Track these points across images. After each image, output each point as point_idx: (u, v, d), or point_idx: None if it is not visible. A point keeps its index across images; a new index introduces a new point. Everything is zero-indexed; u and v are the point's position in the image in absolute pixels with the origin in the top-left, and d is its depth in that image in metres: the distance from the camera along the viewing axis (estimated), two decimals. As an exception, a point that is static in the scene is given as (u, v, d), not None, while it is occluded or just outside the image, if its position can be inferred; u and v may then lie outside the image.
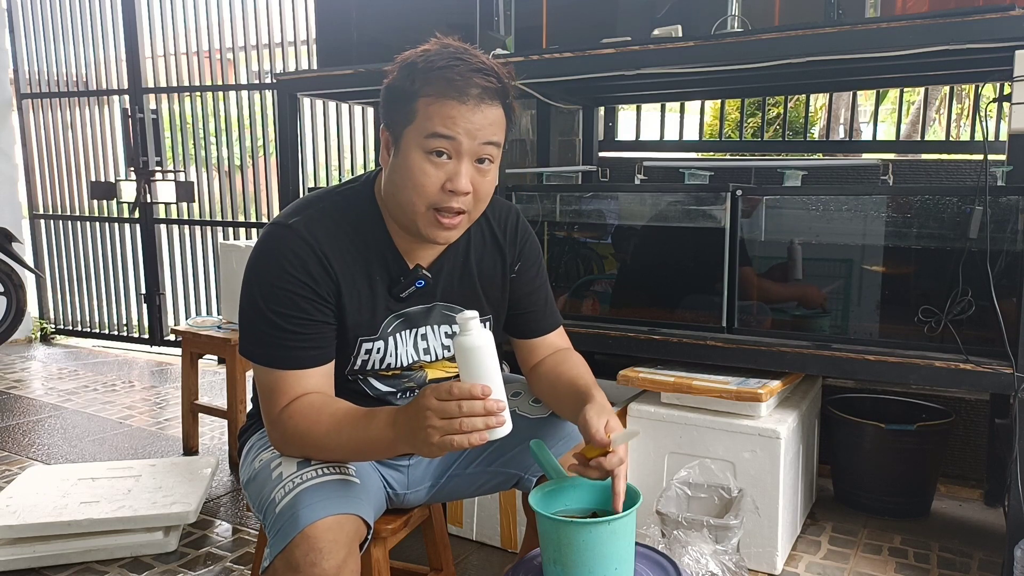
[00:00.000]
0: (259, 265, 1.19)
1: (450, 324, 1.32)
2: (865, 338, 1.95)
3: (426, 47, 1.16)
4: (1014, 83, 1.61)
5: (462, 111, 1.11)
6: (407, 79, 1.14)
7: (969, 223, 1.76)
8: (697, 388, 1.97)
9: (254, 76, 4.51)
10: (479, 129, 1.12)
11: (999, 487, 2.27)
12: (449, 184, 1.13)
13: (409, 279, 1.25)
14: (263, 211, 4.48)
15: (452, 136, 1.11)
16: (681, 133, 3.30)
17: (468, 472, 1.43)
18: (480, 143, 1.13)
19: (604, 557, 1.08)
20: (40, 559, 2.02)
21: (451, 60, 1.12)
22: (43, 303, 5.23)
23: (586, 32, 2.35)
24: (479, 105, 1.12)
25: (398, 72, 1.16)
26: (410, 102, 1.13)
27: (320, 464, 1.17)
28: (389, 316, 1.26)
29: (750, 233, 2.07)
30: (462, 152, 1.12)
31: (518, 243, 1.38)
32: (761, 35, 1.87)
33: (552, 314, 1.45)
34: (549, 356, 1.43)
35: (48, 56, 4.90)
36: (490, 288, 1.36)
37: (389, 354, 1.28)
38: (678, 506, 1.86)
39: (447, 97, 1.10)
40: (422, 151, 1.12)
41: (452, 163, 1.13)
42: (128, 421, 3.31)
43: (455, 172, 1.13)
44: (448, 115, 1.11)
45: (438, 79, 1.11)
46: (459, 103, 1.11)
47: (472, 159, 1.14)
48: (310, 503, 1.08)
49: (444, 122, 1.11)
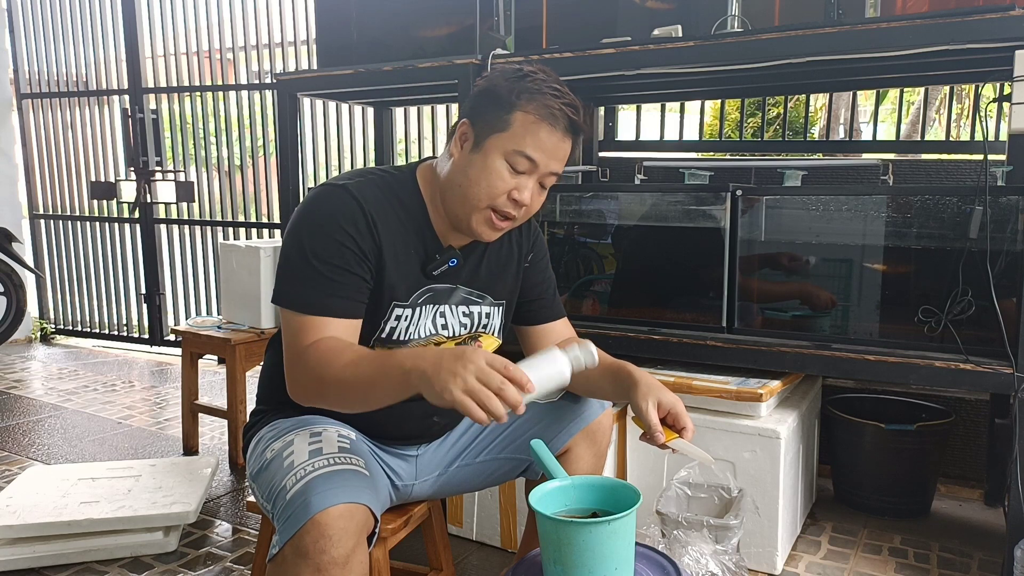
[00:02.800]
0: (309, 214, 1.23)
1: (468, 305, 1.38)
2: (865, 338, 1.95)
3: (531, 67, 1.27)
4: (1014, 83, 1.61)
5: (551, 138, 1.23)
6: (511, 91, 1.23)
7: (969, 223, 1.76)
8: (697, 388, 1.97)
9: (254, 76, 4.51)
10: (555, 159, 1.25)
11: (999, 487, 2.27)
12: (515, 193, 1.24)
13: (444, 258, 1.32)
14: (263, 211, 4.48)
15: (534, 159, 1.23)
16: (681, 133, 3.30)
17: (478, 461, 1.47)
18: (550, 171, 1.26)
19: (604, 557, 1.08)
20: (40, 559, 2.02)
21: (554, 91, 1.23)
22: (43, 303, 5.23)
23: (586, 32, 2.34)
24: (563, 137, 1.24)
25: (502, 80, 1.25)
26: (508, 112, 1.22)
27: (332, 454, 1.18)
28: (419, 289, 1.31)
29: (750, 233, 2.07)
30: (536, 172, 1.25)
31: (531, 237, 1.48)
32: (761, 35, 1.87)
33: (559, 306, 1.54)
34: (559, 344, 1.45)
35: (48, 56, 4.91)
36: (506, 277, 1.43)
37: (413, 323, 1.32)
38: (678, 506, 1.86)
39: (544, 121, 1.22)
40: (505, 160, 1.23)
41: (524, 177, 1.25)
42: (128, 421, 3.31)
43: (523, 185, 1.25)
44: (540, 138, 1.22)
45: (541, 103, 1.22)
46: (552, 129, 1.22)
47: (539, 179, 1.26)
48: (322, 490, 1.09)
49: (535, 144, 1.22)
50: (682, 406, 1.25)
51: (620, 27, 2.28)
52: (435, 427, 1.44)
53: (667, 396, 1.25)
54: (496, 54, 2.16)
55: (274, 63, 4.27)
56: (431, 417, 1.41)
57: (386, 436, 1.39)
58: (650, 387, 1.26)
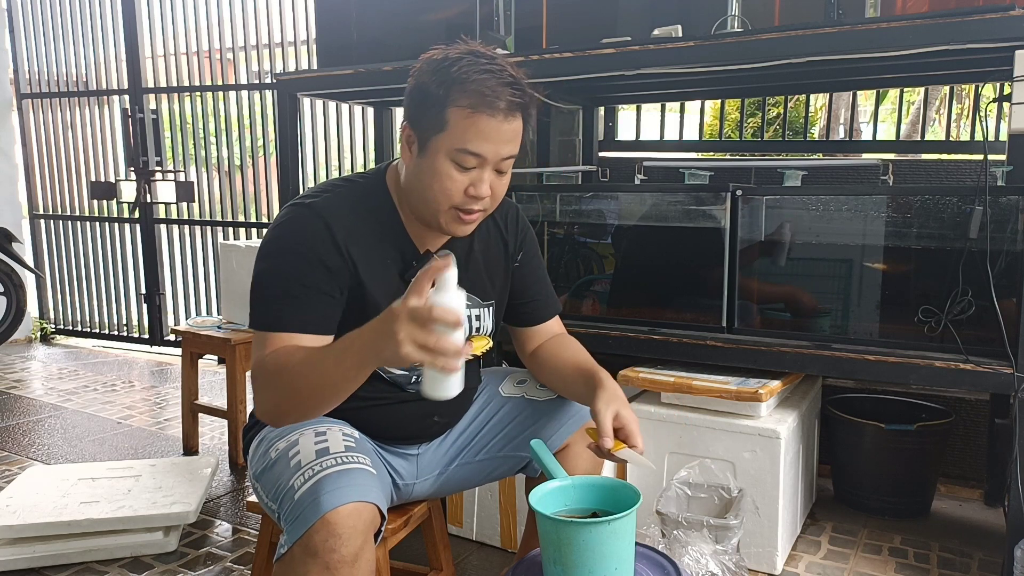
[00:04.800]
0: (275, 237, 1.23)
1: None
2: (865, 338, 1.95)
3: (457, 49, 1.19)
4: (1014, 83, 1.61)
5: (492, 125, 1.16)
6: (438, 86, 1.16)
7: (969, 223, 1.76)
8: (697, 388, 1.97)
9: (254, 76, 4.51)
10: (505, 143, 1.18)
11: (999, 487, 2.27)
12: (472, 189, 1.20)
13: (421, 264, 1.29)
14: (263, 211, 4.48)
15: (480, 154, 1.17)
16: (681, 133, 3.30)
17: (477, 460, 1.47)
18: (503, 157, 1.20)
19: (604, 557, 1.08)
20: (40, 559, 2.01)
21: (484, 72, 1.15)
22: (43, 303, 5.23)
23: (586, 32, 2.34)
24: (506, 119, 1.17)
25: (428, 75, 1.18)
26: (441, 110, 1.16)
27: (339, 452, 1.18)
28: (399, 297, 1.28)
29: (750, 233, 2.07)
30: (486, 164, 1.19)
31: (519, 235, 1.46)
32: (761, 35, 1.87)
33: (551, 303, 1.53)
34: (547, 342, 1.50)
35: (48, 56, 4.90)
36: (494, 275, 1.42)
37: None
38: (678, 506, 1.86)
39: (479, 112, 1.15)
40: (450, 160, 1.18)
41: (476, 171, 1.19)
42: (128, 421, 3.31)
43: (478, 179, 1.20)
44: (479, 130, 1.15)
45: (472, 92, 1.14)
46: (490, 117, 1.15)
47: (493, 168, 1.21)
48: (331, 490, 1.09)
49: (476, 138, 1.16)
50: (637, 425, 1.26)
51: (620, 27, 2.29)
52: (435, 426, 1.44)
53: (627, 411, 1.26)
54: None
55: (274, 63, 4.27)
56: (431, 417, 1.41)
57: (387, 437, 1.39)
58: (614, 396, 1.27)
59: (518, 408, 1.48)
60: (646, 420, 2.06)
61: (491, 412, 1.50)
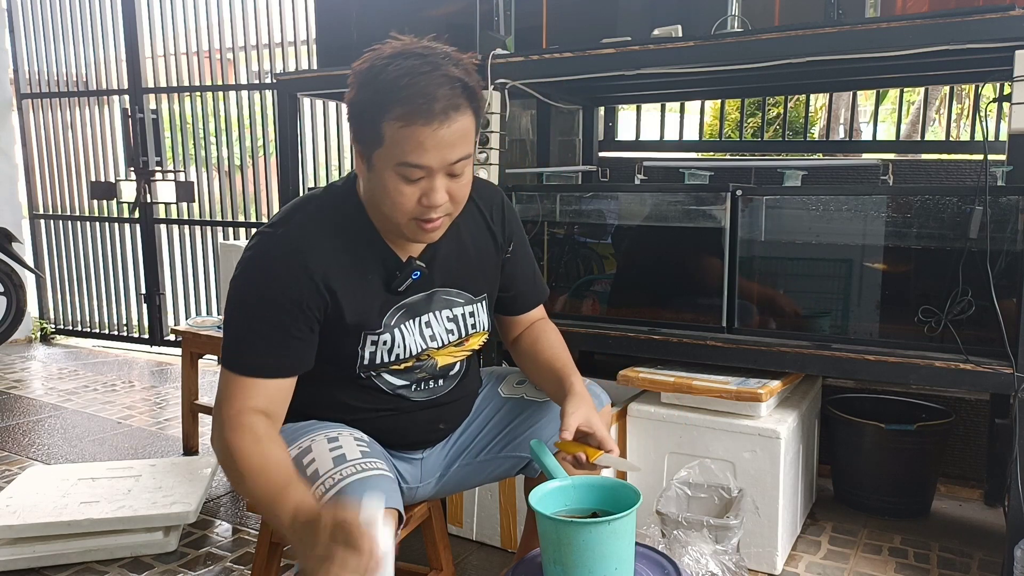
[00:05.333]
0: (245, 275, 1.19)
1: (451, 308, 1.34)
2: (865, 338, 1.95)
3: (384, 54, 1.11)
4: (1014, 83, 1.61)
5: (429, 133, 1.07)
6: (368, 99, 1.10)
7: (969, 223, 1.76)
8: (697, 388, 1.97)
9: (254, 76, 4.51)
10: (449, 147, 1.10)
11: (999, 487, 2.27)
12: (425, 200, 1.13)
13: (405, 273, 1.25)
14: (263, 211, 4.48)
15: (423, 165, 1.10)
16: (681, 133, 3.30)
17: (478, 460, 1.47)
18: (452, 161, 1.11)
19: (604, 557, 1.08)
20: (40, 559, 2.01)
21: (412, 75, 1.06)
22: (43, 303, 5.23)
23: (586, 32, 2.34)
24: (446, 120, 1.08)
25: (358, 88, 1.12)
26: (375, 124, 1.09)
27: (357, 460, 1.18)
28: (390, 309, 1.27)
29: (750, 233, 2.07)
30: (435, 172, 1.11)
31: (506, 225, 1.40)
32: (761, 35, 1.87)
33: (538, 292, 1.51)
34: (526, 330, 1.50)
35: (48, 56, 4.90)
36: (485, 268, 1.39)
37: (397, 345, 1.28)
38: (678, 506, 1.86)
39: (413, 122, 1.06)
40: (396, 174, 1.11)
41: (425, 181, 1.12)
42: (128, 421, 3.31)
43: (430, 188, 1.12)
44: (417, 141, 1.07)
45: (402, 101, 1.06)
46: (426, 125, 1.07)
47: (445, 174, 1.13)
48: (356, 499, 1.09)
49: (414, 150, 1.08)
50: (606, 432, 1.26)
51: (620, 27, 2.29)
52: (440, 432, 1.44)
53: (596, 418, 1.26)
54: (496, 54, 2.15)
55: (274, 63, 4.27)
56: (436, 424, 1.41)
57: (394, 445, 1.38)
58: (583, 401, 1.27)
59: (518, 408, 1.48)
60: (646, 420, 2.06)
61: (491, 413, 1.50)
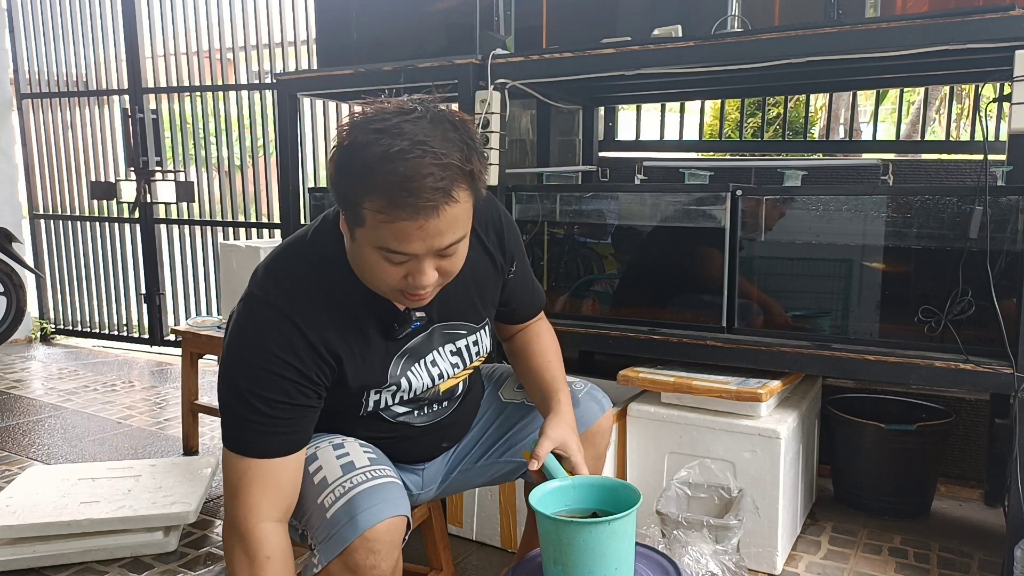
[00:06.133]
0: (241, 347, 1.11)
1: (454, 341, 1.31)
2: (865, 338, 1.95)
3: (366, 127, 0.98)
4: (1014, 83, 1.61)
5: (415, 227, 0.97)
6: (348, 179, 0.99)
7: (969, 223, 1.76)
8: (697, 388, 1.97)
9: (254, 76, 4.51)
10: (438, 236, 0.99)
11: (999, 487, 2.27)
12: (411, 279, 1.05)
13: (403, 324, 1.19)
14: (263, 211, 4.48)
15: (408, 253, 1.00)
16: (681, 133, 3.30)
17: (479, 465, 1.48)
18: (440, 247, 1.01)
19: (604, 557, 1.08)
20: (40, 559, 2.01)
21: (396, 160, 0.94)
22: (43, 303, 5.23)
23: (586, 32, 2.34)
24: (434, 213, 0.96)
25: (338, 162, 1.00)
26: (355, 205, 0.99)
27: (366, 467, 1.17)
28: (393, 359, 1.23)
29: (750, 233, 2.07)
30: (422, 258, 1.02)
31: (506, 245, 1.33)
32: (761, 35, 1.87)
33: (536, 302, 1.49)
34: (520, 332, 1.49)
35: (48, 56, 4.90)
36: (485, 294, 1.34)
37: (403, 390, 1.26)
38: (678, 506, 1.86)
39: (396, 217, 0.96)
40: (379, 253, 1.02)
41: (413, 263, 1.03)
42: (128, 421, 3.31)
43: (416, 270, 1.03)
44: (400, 233, 0.97)
45: (382, 191, 0.95)
46: (410, 220, 0.96)
47: (434, 257, 1.04)
48: (367, 507, 1.10)
49: (398, 239, 0.98)
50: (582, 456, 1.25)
51: (620, 27, 2.29)
52: (443, 449, 1.45)
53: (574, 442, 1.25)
54: (496, 54, 2.15)
55: (274, 63, 4.27)
56: (440, 443, 1.42)
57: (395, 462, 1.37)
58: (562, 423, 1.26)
59: (518, 414, 1.48)
60: (646, 420, 2.06)
61: (491, 417, 1.50)
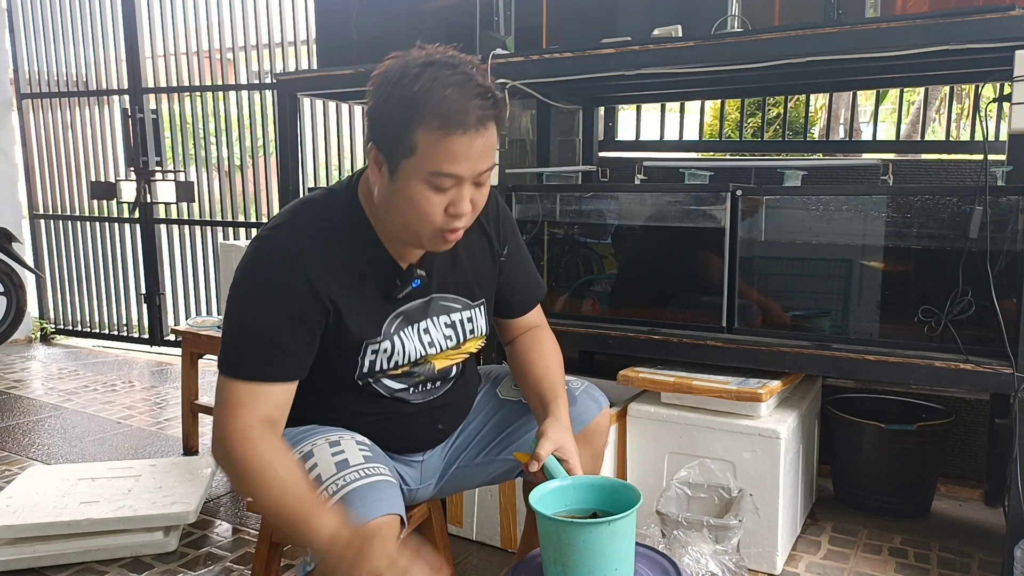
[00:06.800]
0: (246, 281, 1.17)
1: (449, 314, 1.34)
2: (865, 338, 1.95)
3: (413, 62, 1.10)
4: (1014, 83, 1.61)
5: (464, 143, 1.08)
6: (401, 108, 1.09)
7: (969, 223, 1.76)
8: (697, 388, 1.97)
9: (254, 76, 4.51)
10: (480, 158, 1.11)
11: (999, 487, 2.27)
12: (452, 208, 1.14)
13: (405, 281, 1.25)
14: (263, 211, 4.48)
15: (456, 175, 1.11)
16: (681, 133, 3.30)
17: (476, 462, 1.47)
18: (479, 171, 1.13)
19: (604, 557, 1.08)
20: (40, 559, 2.01)
21: (448, 87, 1.07)
22: (43, 303, 5.23)
23: (586, 32, 2.34)
24: (479, 131, 1.09)
25: (388, 97, 1.10)
26: (407, 134, 1.09)
27: (360, 465, 1.17)
28: (389, 317, 1.27)
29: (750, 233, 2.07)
30: (464, 182, 1.13)
31: (501, 227, 1.40)
32: (761, 35, 1.87)
33: (534, 293, 1.50)
34: (523, 335, 1.48)
35: (48, 56, 4.90)
36: (481, 273, 1.38)
37: (396, 352, 1.28)
38: (678, 506, 1.86)
39: (449, 132, 1.07)
40: (425, 184, 1.11)
41: (454, 190, 1.13)
42: (128, 421, 3.31)
43: (458, 197, 1.13)
44: (451, 151, 1.08)
45: (439, 112, 1.07)
46: (462, 136, 1.08)
47: (472, 183, 1.15)
48: (359, 505, 1.10)
49: (449, 160, 1.09)
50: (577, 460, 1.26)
51: (620, 27, 2.29)
52: (440, 434, 1.44)
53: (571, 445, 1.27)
54: (496, 54, 2.15)
55: (274, 63, 4.27)
56: (436, 425, 1.41)
57: (395, 448, 1.38)
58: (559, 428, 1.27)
59: (516, 412, 1.47)
60: (646, 420, 2.06)
61: (489, 414, 1.50)
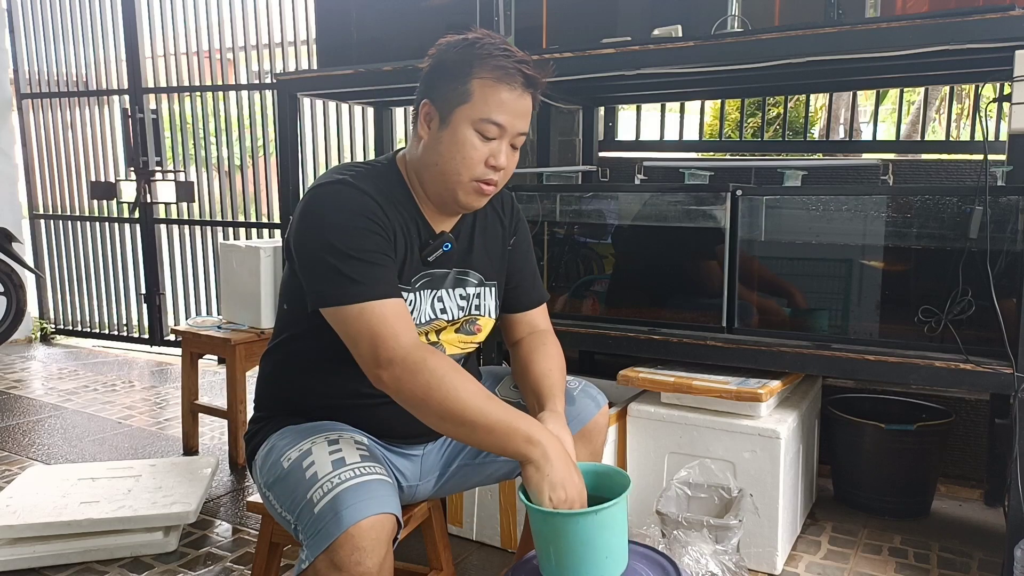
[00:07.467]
0: (326, 214, 1.24)
1: (464, 287, 1.40)
2: (865, 338, 1.95)
3: (473, 35, 1.29)
4: (1014, 83, 1.61)
5: (512, 97, 1.25)
6: (463, 61, 1.25)
7: (969, 223, 1.76)
8: (697, 388, 1.97)
9: (254, 76, 4.51)
10: (521, 117, 1.28)
11: (999, 487, 2.27)
12: (492, 160, 1.27)
13: (437, 243, 1.35)
14: (263, 211, 4.48)
15: (501, 123, 1.25)
16: (681, 133, 3.30)
17: (476, 462, 1.48)
18: (519, 131, 1.29)
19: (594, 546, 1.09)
20: (40, 559, 2.01)
21: (502, 51, 1.26)
22: (43, 303, 5.23)
23: (586, 32, 2.34)
24: (523, 93, 1.27)
25: (452, 53, 1.27)
26: (465, 82, 1.25)
27: (355, 464, 1.18)
28: (419, 273, 1.34)
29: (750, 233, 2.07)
30: (505, 135, 1.27)
31: (514, 218, 1.51)
32: (761, 35, 1.87)
33: (537, 291, 1.54)
34: (526, 337, 1.49)
35: (48, 56, 4.90)
36: (494, 256, 1.46)
37: (414, 308, 1.32)
38: (678, 506, 1.86)
39: (502, 83, 1.24)
40: (474, 130, 1.25)
41: (496, 142, 1.27)
42: (128, 421, 3.31)
43: (498, 150, 1.27)
44: (501, 100, 1.24)
45: (494, 66, 1.24)
46: (511, 89, 1.25)
47: (510, 142, 1.29)
48: (352, 503, 1.10)
49: (498, 108, 1.24)
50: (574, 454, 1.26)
51: (620, 27, 2.29)
52: None
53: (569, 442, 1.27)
54: (496, 54, 2.15)
55: (274, 63, 4.27)
56: None
57: (394, 436, 1.38)
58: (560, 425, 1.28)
59: None
60: (646, 420, 2.06)
61: None
